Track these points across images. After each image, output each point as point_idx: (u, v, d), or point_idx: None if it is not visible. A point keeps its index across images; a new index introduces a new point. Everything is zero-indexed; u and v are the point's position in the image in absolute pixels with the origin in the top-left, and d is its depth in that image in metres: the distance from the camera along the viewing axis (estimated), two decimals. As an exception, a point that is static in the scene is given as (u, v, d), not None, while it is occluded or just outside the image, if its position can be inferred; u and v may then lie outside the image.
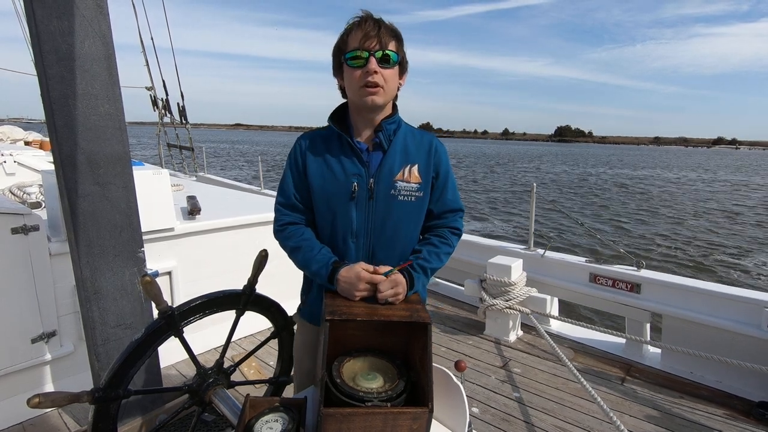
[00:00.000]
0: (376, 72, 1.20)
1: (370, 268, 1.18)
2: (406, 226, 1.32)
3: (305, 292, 1.46)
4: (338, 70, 1.30)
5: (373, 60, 1.19)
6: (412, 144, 1.32)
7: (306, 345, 1.49)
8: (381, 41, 1.20)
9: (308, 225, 1.35)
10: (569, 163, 50.57)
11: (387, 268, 1.19)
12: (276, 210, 1.37)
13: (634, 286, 3.09)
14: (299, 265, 1.31)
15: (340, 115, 1.34)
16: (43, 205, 3.05)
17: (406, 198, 1.28)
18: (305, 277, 1.46)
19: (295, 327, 1.58)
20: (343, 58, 1.24)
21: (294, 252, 1.30)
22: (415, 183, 1.29)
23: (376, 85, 1.21)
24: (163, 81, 8.53)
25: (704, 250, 10.56)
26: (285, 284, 2.19)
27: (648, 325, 3.11)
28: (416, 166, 1.30)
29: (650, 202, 18.99)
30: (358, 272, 1.17)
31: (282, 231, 1.34)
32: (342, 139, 1.29)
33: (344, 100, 1.36)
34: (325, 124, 1.36)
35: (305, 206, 1.33)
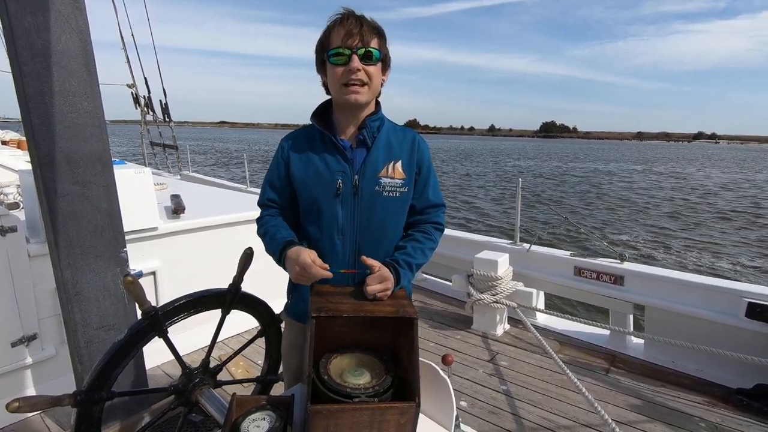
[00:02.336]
0: (359, 70, 1.20)
1: (317, 261, 1.17)
2: (392, 222, 1.33)
3: (291, 290, 1.46)
4: (321, 67, 1.30)
5: (355, 58, 1.20)
6: (395, 140, 1.33)
7: (293, 343, 1.49)
8: (363, 38, 1.20)
9: (285, 218, 1.37)
10: (527, 157, 52.05)
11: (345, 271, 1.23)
12: (259, 207, 1.41)
13: (618, 279, 3.15)
14: (266, 249, 1.33)
15: (323, 112, 1.34)
16: (21, 205, 2.98)
17: (390, 194, 1.29)
18: None
19: (283, 325, 1.58)
20: (326, 56, 1.24)
21: (263, 238, 1.34)
22: (399, 179, 1.30)
23: (360, 83, 1.22)
24: (145, 78, 8.38)
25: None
26: (271, 282, 2.17)
27: (631, 317, 3.18)
28: (400, 162, 1.30)
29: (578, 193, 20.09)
30: (298, 252, 1.17)
31: (258, 224, 1.39)
32: (325, 137, 1.30)
33: (328, 97, 1.36)
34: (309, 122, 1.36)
35: (280, 205, 1.37)
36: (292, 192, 1.34)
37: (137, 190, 2.53)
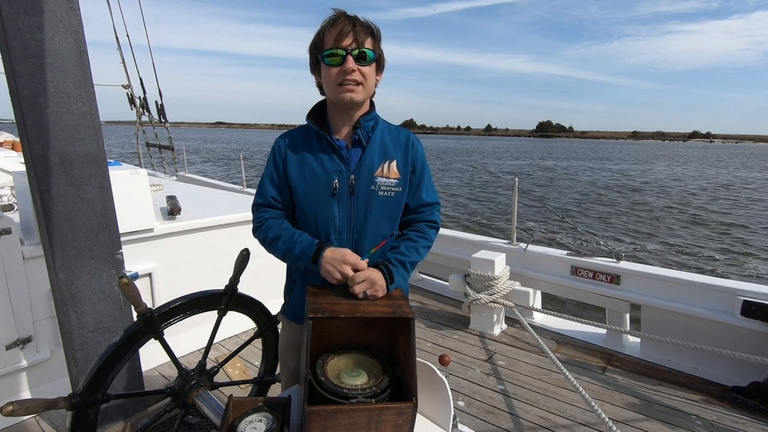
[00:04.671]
0: (353, 70, 1.21)
1: (357, 256, 1.20)
2: (388, 221, 1.33)
3: (288, 291, 1.45)
4: (315, 67, 1.30)
5: (350, 58, 1.20)
6: (389, 140, 1.34)
7: (290, 344, 1.48)
8: (357, 39, 1.21)
9: (289, 219, 1.36)
10: (503, 156, 53.10)
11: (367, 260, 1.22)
12: (253, 210, 1.38)
13: (614, 278, 3.16)
14: (280, 253, 1.30)
15: (318, 112, 1.34)
16: (16, 207, 2.96)
17: (386, 193, 1.29)
18: (288, 276, 1.45)
19: (280, 326, 1.57)
20: (320, 57, 1.24)
21: (274, 242, 1.30)
22: (394, 179, 1.30)
23: (355, 83, 1.22)
24: (140, 79, 8.35)
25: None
26: (268, 284, 2.17)
27: (627, 316, 3.19)
28: (395, 161, 1.31)
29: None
30: (344, 253, 1.19)
31: (260, 226, 1.34)
32: (321, 137, 1.30)
33: (322, 98, 1.36)
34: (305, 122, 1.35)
35: (284, 205, 1.35)
36: (290, 190, 1.33)
37: (133, 192, 2.51)
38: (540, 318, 3.54)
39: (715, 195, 19.90)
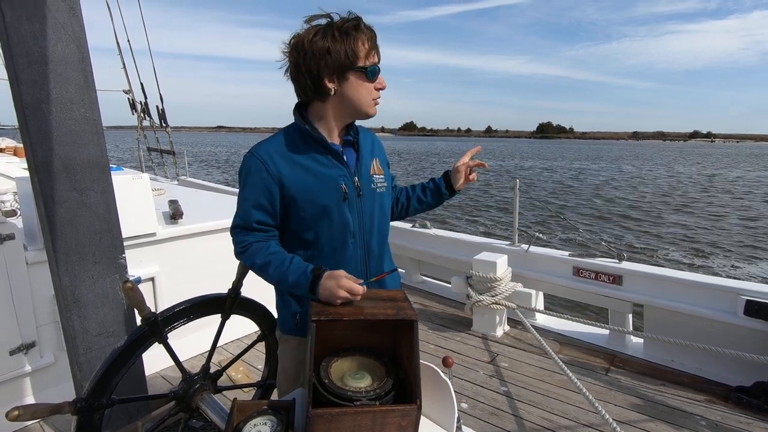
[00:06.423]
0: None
1: (351, 277, 1.14)
2: (387, 216, 1.39)
3: (298, 308, 1.42)
4: (338, 74, 1.20)
5: (380, 73, 1.27)
6: (367, 139, 1.39)
7: (300, 359, 1.46)
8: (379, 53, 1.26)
9: (276, 243, 1.29)
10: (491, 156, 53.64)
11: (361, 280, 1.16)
12: (233, 233, 1.29)
13: (616, 278, 3.15)
14: (273, 280, 1.24)
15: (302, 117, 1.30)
16: (19, 213, 2.97)
17: (380, 189, 1.34)
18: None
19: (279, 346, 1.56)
20: (360, 70, 1.20)
21: (264, 268, 1.23)
22: (381, 175, 1.36)
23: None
24: (141, 84, 8.38)
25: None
26: (271, 287, 2.16)
27: (630, 316, 3.18)
28: (378, 159, 1.37)
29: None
30: (339, 277, 1.12)
31: (244, 251, 1.26)
32: (314, 142, 1.25)
33: (297, 102, 1.32)
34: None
35: (269, 226, 1.27)
36: (281, 212, 1.26)
37: (135, 196, 2.53)
38: (542, 319, 3.54)
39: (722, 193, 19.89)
